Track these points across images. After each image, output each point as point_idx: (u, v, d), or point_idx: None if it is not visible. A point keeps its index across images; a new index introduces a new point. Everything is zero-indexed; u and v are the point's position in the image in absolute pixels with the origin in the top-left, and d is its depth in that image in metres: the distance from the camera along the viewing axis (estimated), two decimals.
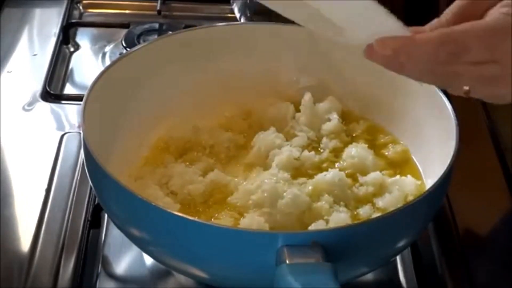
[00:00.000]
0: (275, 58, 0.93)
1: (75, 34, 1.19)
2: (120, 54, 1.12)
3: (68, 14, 1.22)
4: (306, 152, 0.85)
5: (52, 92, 1.05)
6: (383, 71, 0.67)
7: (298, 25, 0.70)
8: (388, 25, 0.63)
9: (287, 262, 0.63)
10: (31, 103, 1.03)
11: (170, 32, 1.03)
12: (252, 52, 0.92)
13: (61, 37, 1.16)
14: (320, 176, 0.81)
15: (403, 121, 0.89)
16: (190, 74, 0.91)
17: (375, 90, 0.91)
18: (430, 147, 0.83)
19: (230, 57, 0.92)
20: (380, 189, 0.82)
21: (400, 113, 0.89)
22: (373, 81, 0.90)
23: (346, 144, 0.88)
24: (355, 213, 0.79)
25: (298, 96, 0.92)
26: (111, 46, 1.17)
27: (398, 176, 0.84)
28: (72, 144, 0.96)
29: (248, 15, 1.14)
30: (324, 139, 0.88)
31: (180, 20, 1.22)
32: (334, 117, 0.89)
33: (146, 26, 1.17)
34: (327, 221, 0.76)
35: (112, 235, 0.85)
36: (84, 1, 1.26)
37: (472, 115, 1.00)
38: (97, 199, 0.85)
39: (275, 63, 0.93)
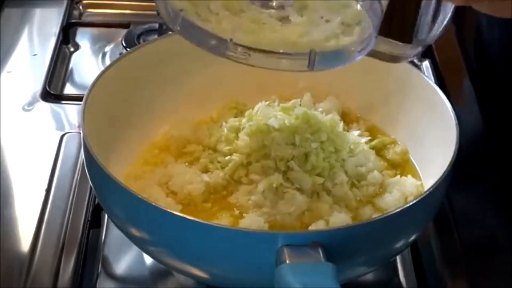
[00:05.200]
0: None
1: (75, 34, 1.19)
2: (120, 54, 1.12)
3: (68, 14, 1.21)
4: None
5: (52, 92, 1.05)
6: (383, 72, 0.68)
7: None
8: None
9: (287, 262, 0.63)
10: (31, 103, 1.03)
11: (170, 32, 1.03)
12: None
13: (61, 37, 1.16)
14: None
15: (403, 122, 0.89)
16: (190, 74, 0.91)
17: (375, 90, 0.91)
18: (430, 147, 0.83)
19: None
20: (380, 189, 0.82)
21: (400, 113, 0.89)
22: (373, 82, 0.90)
23: None
24: (356, 213, 0.80)
25: (298, 96, 0.92)
26: (111, 46, 1.17)
27: (398, 177, 0.84)
28: (72, 144, 0.96)
29: None
30: None
31: None
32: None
33: (146, 26, 1.17)
34: (327, 221, 0.76)
35: (112, 235, 0.85)
36: (84, 1, 1.26)
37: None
38: (97, 199, 0.85)
39: None
